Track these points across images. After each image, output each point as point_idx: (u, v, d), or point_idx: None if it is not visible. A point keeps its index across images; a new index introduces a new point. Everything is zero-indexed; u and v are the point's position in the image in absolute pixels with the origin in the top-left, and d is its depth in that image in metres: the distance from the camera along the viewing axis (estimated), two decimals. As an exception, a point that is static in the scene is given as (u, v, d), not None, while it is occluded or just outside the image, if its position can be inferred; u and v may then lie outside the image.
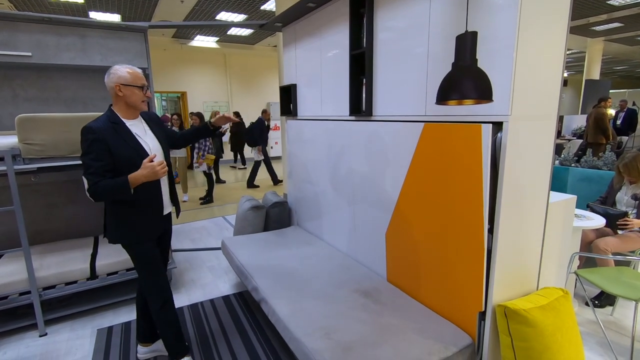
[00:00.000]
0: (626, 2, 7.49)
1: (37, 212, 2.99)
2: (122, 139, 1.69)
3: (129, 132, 1.73)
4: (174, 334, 1.95)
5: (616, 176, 2.80)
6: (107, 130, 1.66)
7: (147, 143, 1.79)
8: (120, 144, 1.68)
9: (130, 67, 1.73)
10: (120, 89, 1.70)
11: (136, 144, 1.73)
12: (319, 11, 2.60)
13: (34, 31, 2.61)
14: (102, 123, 1.68)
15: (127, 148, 1.69)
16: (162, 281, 1.90)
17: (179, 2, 6.87)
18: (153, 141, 1.83)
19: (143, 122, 1.86)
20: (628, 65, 16.55)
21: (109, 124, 1.68)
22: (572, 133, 8.79)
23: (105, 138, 1.63)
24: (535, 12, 1.38)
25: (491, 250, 1.54)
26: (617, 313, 2.48)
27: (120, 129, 1.71)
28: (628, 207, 2.71)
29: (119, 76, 1.69)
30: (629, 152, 2.74)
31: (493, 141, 1.45)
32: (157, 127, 1.91)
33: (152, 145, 1.81)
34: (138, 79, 1.72)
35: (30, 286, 2.32)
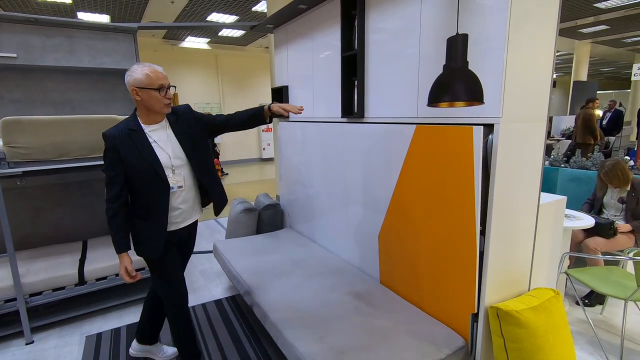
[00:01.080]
0: (612, 5, 7.64)
1: (24, 216, 2.92)
2: (136, 148, 1.56)
3: (145, 140, 1.58)
4: (187, 338, 1.88)
5: (598, 183, 2.83)
6: (122, 139, 1.56)
7: (168, 152, 1.64)
8: (134, 154, 1.56)
9: (149, 67, 1.54)
10: (137, 93, 1.54)
11: (151, 155, 1.58)
12: (311, 13, 2.60)
13: (19, 32, 2.55)
14: (119, 130, 1.58)
15: (139, 159, 1.56)
16: (178, 286, 1.81)
17: (170, 3, 6.80)
18: (177, 149, 1.67)
19: (167, 126, 1.68)
20: (614, 67, 16.88)
21: (125, 131, 1.58)
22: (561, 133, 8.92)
23: (117, 147, 1.54)
24: (525, 15, 1.39)
25: (483, 251, 1.54)
26: (607, 312, 2.51)
27: (136, 137, 1.58)
28: (616, 210, 2.75)
29: (135, 78, 1.53)
30: (608, 161, 2.77)
31: (484, 143, 1.46)
32: (187, 127, 1.72)
33: (174, 154, 1.65)
34: (155, 81, 1.53)
35: (16, 293, 2.26)
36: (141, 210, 1.65)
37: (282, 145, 3.35)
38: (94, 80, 3.07)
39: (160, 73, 1.57)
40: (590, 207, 2.91)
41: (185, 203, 1.73)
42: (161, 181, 1.61)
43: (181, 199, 1.71)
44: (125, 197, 1.62)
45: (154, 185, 1.61)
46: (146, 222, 1.66)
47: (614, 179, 2.66)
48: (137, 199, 1.65)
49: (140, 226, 1.67)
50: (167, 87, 1.58)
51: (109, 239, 3.03)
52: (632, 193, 2.65)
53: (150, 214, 1.65)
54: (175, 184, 1.66)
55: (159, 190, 1.62)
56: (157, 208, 1.64)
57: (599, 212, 2.86)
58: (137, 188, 1.62)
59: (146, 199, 1.64)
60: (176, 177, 1.66)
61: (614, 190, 2.76)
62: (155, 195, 1.62)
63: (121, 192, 1.59)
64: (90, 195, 3.16)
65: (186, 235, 1.86)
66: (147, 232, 1.67)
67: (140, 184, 1.61)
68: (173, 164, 1.65)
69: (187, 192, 1.72)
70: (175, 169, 1.66)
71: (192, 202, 1.77)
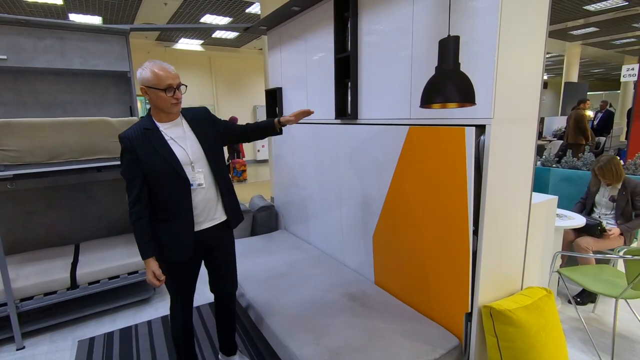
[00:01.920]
0: (601, 8, 7.75)
1: (15, 220, 2.89)
2: (152, 147, 1.53)
3: (161, 138, 1.55)
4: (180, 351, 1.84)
5: (592, 179, 2.87)
6: (137, 139, 1.53)
7: (186, 148, 1.59)
8: (151, 153, 1.52)
9: (158, 65, 1.51)
10: (146, 92, 1.52)
11: (169, 152, 1.54)
12: (304, 15, 2.60)
13: (9, 33, 2.52)
14: (133, 130, 1.55)
15: (157, 158, 1.52)
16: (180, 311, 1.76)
17: (162, 5, 6.77)
18: (195, 146, 1.62)
19: (184, 122, 1.64)
20: (604, 68, 17.13)
21: (140, 131, 1.54)
22: (553, 134, 9.02)
23: (133, 147, 1.51)
24: (515, 17, 1.40)
25: (476, 251, 1.55)
26: (599, 310, 2.54)
27: (152, 136, 1.54)
28: (607, 209, 2.79)
29: (143, 77, 1.50)
30: (604, 156, 2.82)
31: (476, 144, 1.47)
32: (204, 126, 1.68)
33: (192, 150, 1.60)
34: (162, 80, 1.49)
35: (6, 298, 2.23)
36: (163, 212, 1.59)
37: (277, 147, 3.35)
38: (86, 82, 3.05)
39: (170, 72, 1.52)
40: (583, 206, 2.94)
41: (205, 201, 1.65)
42: (180, 178, 1.56)
43: (201, 197, 1.62)
44: (146, 200, 1.56)
45: (174, 184, 1.56)
46: (170, 224, 1.59)
47: (607, 174, 2.70)
48: (158, 201, 1.59)
49: (164, 229, 1.59)
50: (175, 87, 1.54)
51: (102, 242, 3.05)
52: (623, 192, 2.69)
53: (173, 215, 1.59)
54: (194, 181, 1.59)
55: (178, 189, 1.57)
56: (180, 207, 1.58)
57: (590, 211, 2.90)
58: (157, 189, 1.56)
59: (167, 199, 1.58)
60: (196, 174, 1.60)
61: (606, 188, 2.80)
62: (176, 193, 1.57)
63: (141, 194, 1.54)
64: (82, 199, 3.13)
65: (213, 240, 1.73)
66: (173, 234, 1.60)
67: (159, 184, 1.55)
68: (192, 160, 1.59)
69: (207, 189, 1.64)
70: (195, 166, 1.60)
71: (214, 200, 1.68)
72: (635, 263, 1.89)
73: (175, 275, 1.69)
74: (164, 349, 2.22)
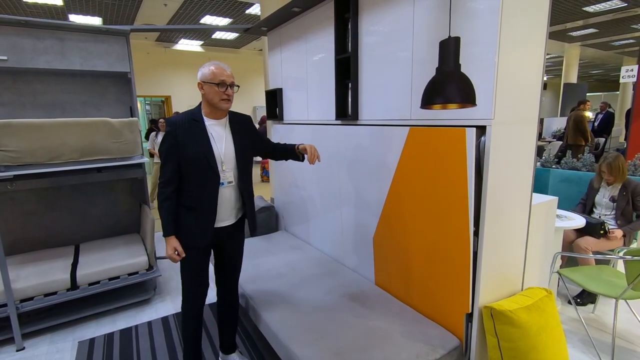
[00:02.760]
0: (601, 9, 7.77)
1: (14, 221, 2.88)
2: (194, 136, 1.65)
3: (204, 131, 1.67)
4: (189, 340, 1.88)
5: (597, 176, 2.88)
6: (183, 126, 1.65)
7: (222, 148, 1.70)
8: (191, 142, 1.64)
9: (216, 64, 1.65)
10: (202, 86, 1.66)
11: (207, 145, 1.65)
12: (304, 15, 2.61)
13: (9, 34, 2.52)
14: (182, 118, 1.68)
15: (196, 146, 1.64)
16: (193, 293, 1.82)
17: (163, 5, 6.78)
18: (229, 147, 1.73)
19: (227, 125, 1.76)
20: (603, 69, 17.17)
21: (188, 120, 1.67)
22: (552, 135, 9.04)
23: (177, 133, 1.63)
24: (515, 18, 1.41)
25: (477, 252, 1.55)
26: (599, 310, 2.54)
27: (196, 127, 1.66)
28: (607, 209, 2.79)
29: (202, 73, 1.65)
30: (611, 153, 2.83)
31: (477, 145, 1.47)
32: (243, 132, 1.80)
33: (227, 152, 1.71)
34: (216, 76, 1.62)
35: (6, 299, 2.22)
36: (191, 200, 1.68)
37: (277, 148, 3.35)
38: (86, 83, 3.05)
39: (225, 71, 1.65)
40: (584, 207, 2.95)
41: (228, 200, 1.75)
42: (212, 172, 1.66)
43: (227, 195, 1.73)
44: (176, 184, 1.66)
45: (206, 175, 1.66)
46: (195, 212, 1.69)
47: (614, 170, 2.70)
48: (187, 188, 1.68)
49: (188, 216, 1.69)
50: (228, 85, 1.65)
51: (102, 243, 3.05)
52: (624, 192, 2.70)
53: (199, 204, 1.68)
54: (225, 179, 1.70)
55: (209, 181, 1.67)
56: (207, 199, 1.68)
57: (590, 211, 2.90)
58: (189, 177, 1.66)
59: (196, 189, 1.67)
60: (226, 173, 1.70)
61: (606, 188, 2.80)
62: (206, 185, 1.67)
63: (173, 177, 1.65)
64: (82, 199, 3.13)
65: (226, 238, 1.83)
66: (196, 222, 1.69)
67: (192, 173, 1.65)
68: (223, 159, 1.69)
69: (231, 190, 1.75)
70: (225, 165, 1.70)
71: (234, 202, 1.78)
72: (635, 263, 1.89)
73: (192, 261, 1.77)
74: (164, 349, 2.22)
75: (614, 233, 2.61)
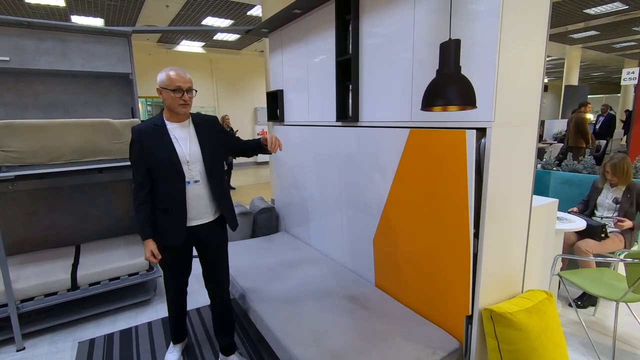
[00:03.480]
0: (602, 12, 7.78)
1: (15, 221, 2.89)
2: (158, 141, 1.72)
3: (166, 135, 1.73)
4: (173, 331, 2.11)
5: (600, 177, 2.86)
6: (147, 132, 1.73)
7: (186, 148, 1.76)
8: (155, 147, 1.71)
9: (173, 70, 1.70)
10: (161, 92, 1.72)
11: (170, 146, 1.72)
12: (305, 17, 2.61)
13: (12, 35, 2.53)
14: (145, 125, 1.76)
15: (160, 150, 1.71)
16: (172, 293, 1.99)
17: (164, 7, 6.80)
18: (194, 147, 1.79)
19: (191, 126, 1.81)
20: (604, 71, 17.16)
21: (151, 126, 1.74)
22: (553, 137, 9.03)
23: (141, 140, 1.71)
24: (515, 20, 1.41)
25: (477, 254, 1.55)
26: (599, 313, 2.54)
27: (159, 132, 1.73)
28: (609, 211, 2.79)
29: (160, 79, 1.71)
30: (617, 154, 2.81)
31: (477, 146, 1.47)
32: (209, 132, 1.85)
33: (192, 151, 1.77)
34: (172, 81, 1.67)
35: (7, 299, 2.23)
36: (162, 202, 1.77)
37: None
38: (87, 84, 3.06)
39: (180, 77, 1.69)
40: (585, 206, 2.94)
41: (198, 198, 1.80)
42: (178, 173, 1.73)
43: (194, 193, 1.79)
44: (148, 187, 1.75)
45: (172, 177, 1.73)
46: (167, 213, 1.77)
47: (618, 171, 2.69)
48: (158, 191, 1.77)
49: (162, 217, 1.78)
50: (184, 90, 1.69)
51: (102, 243, 3.05)
52: (627, 194, 2.69)
53: (169, 204, 1.76)
54: (191, 178, 1.76)
55: (176, 182, 1.74)
56: (175, 199, 1.76)
57: (591, 213, 2.89)
58: (157, 180, 1.75)
59: (165, 191, 1.75)
60: (192, 172, 1.76)
61: (609, 189, 2.80)
62: (173, 186, 1.74)
63: (144, 181, 1.73)
64: (82, 200, 3.13)
65: (204, 237, 1.88)
66: (169, 222, 1.78)
67: (160, 176, 1.74)
68: (188, 159, 1.75)
69: (201, 188, 1.80)
70: (190, 164, 1.76)
71: (207, 199, 1.84)
72: (635, 266, 1.89)
73: (168, 260, 1.88)
74: (164, 350, 2.22)
75: (624, 222, 2.58)
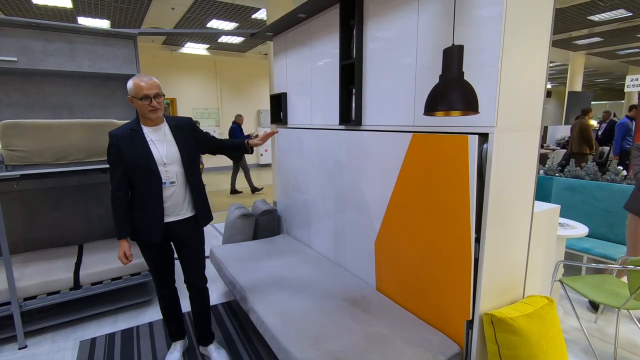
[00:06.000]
0: (606, 18, 7.78)
1: (19, 220, 2.91)
2: (134, 145, 1.78)
3: (142, 139, 1.79)
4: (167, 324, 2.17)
5: None
6: (123, 137, 1.78)
7: (162, 150, 1.82)
8: (132, 150, 1.77)
9: (138, 78, 1.74)
10: (132, 101, 1.77)
11: (146, 150, 1.78)
12: (310, 21, 2.64)
13: (20, 36, 2.57)
14: (121, 130, 1.81)
15: (136, 155, 1.77)
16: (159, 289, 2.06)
17: (170, 9, 6.86)
18: (171, 148, 1.85)
19: (166, 127, 1.88)
20: (608, 78, 17.12)
21: (127, 131, 1.80)
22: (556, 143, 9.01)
23: (118, 144, 1.77)
24: (518, 26, 1.42)
25: (478, 259, 1.56)
26: (601, 320, 2.53)
27: (135, 136, 1.79)
28: None
29: (129, 88, 1.76)
30: None
31: (479, 152, 1.48)
32: (184, 133, 1.91)
33: (169, 152, 1.84)
34: (139, 90, 1.72)
35: (10, 297, 2.24)
36: (139, 202, 1.84)
37: (280, 152, 3.37)
38: (94, 85, 3.09)
39: (147, 84, 1.73)
40: None
41: (174, 197, 1.88)
42: (154, 175, 1.79)
43: (170, 193, 1.86)
44: (125, 189, 1.83)
45: (149, 179, 1.80)
46: (144, 212, 1.84)
47: None
48: (135, 191, 1.85)
49: (139, 216, 1.85)
50: (151, 97, 1.74)
51: (105, 243, 3.07)
52: None
53: (146, 204, 1.83)
54: (167, 179, 1.83)
55: (152, 183, 1.80)
56: (152, 199, 1.83)
57: None
58: (135, 181, 1.82)
59: (142, 191, 1.83)
60: (168, 173, 1.83)
61: None
62: (150, 187, 1.81)
63: (121, 183, 1.80)
64: (86, 200, 3.16)
65: (181, 232, 1.94)
66: (146, 221, 1.85)
67: (137, 178, 1.80)
68: (165, 161, 1.82)
69: (177, 188, 1.88)
70: (167, 166, 1.82)
71: (182, 197, 1.91)
72: (637, 273, 1.89)
73: (150, 257, 1.98)
74: (165, 350, 2.22)
75: None
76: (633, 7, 7.06)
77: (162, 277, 2.03)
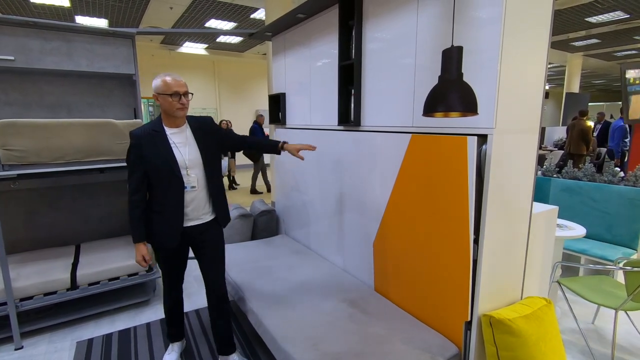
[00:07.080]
0: (603, 20, 7.82)
1: (16, 220, 2.90)
2: (157, 147, 1.74)
3: (165, 141, 1.75)
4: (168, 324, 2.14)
5: None
6: (145, 137, 1.74)
7: (185, 153, 1.78)
8: (154, 152, 1.73)
9: (169, 75, 1.72)
10: (157, 98, 1.73)
11: (169, 153, 1.74)
12: (309, 22, 2.63)
13: (18, 35, 2.55)
14: (144, 130, 1.76)
15: (159, 157, 1.73)
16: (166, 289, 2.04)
17: (168, 9, 6.84)
18: (193, 151, 1.81)
19: (188, 130, 1.84)
20: (606, 79, 17.20)
21: (150, 131, 1.76)
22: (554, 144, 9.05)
23: (140, 144, 1.72)
24: (518, 28, 1.42)
25: (477, 260, 1.56)
26: (599, 321, 2.53)
27: (158, 137, 1.75)
28: None
29: (155, 85, 1.72)
30: None
31: (478, 153, 1.48)
32: (205, 135, 1.87)
33: (191, 155, 1.80)
34: (169, 87, 1.70)
35: (6, 297, 2.23)
36: (157, 205, 1.79)
37: (279, 152, 3.36)
38: (92, 84, 3.08)
39: (176, 81, 1.72)
40: None
41: (195, 202, 1.83)
42: (176, 179, 1.75)
43: (192, 197, 1.82)
44: (144, 191, 1.78)
45: (170, 182, 1.75)
46: (162, 216, 1.79)
47: None
48: (155, 194, 1.80)
49: (157, 220, 1.80)
50: (181, 94, 1.72)
51: (102, 243, 3.06)
52: None
53: (165, 208, 1.79)
54: (188, 183, 1.79)
55: (173, 187, 1.76)
56: (172, 203, 1.78)
57: None
58: (155, 183, 1.77)
59: (163, 195, 1.78)
60: (190, 178, 1.79)
61: None
62: (171, 191, 1.76)
63: (140, 185, 1.75)
64: (83, 200, 3.14)
65: (201, 236, 1.90)
66: (164, 225, 1.81)
67: (158, 180, 1.76)
68: (188, 165, 1.78)
69: (199, 192, 1.84)
70: (189, 170, 1.79)
71: (203, 202, 1.87)
72: (635, 274, 1.89)
73: (166, 261, 1.94)
74: (163, 351, 2.21)
75: None
76: (630, 9, 7.10)
77: (174, 280, 2.01)
